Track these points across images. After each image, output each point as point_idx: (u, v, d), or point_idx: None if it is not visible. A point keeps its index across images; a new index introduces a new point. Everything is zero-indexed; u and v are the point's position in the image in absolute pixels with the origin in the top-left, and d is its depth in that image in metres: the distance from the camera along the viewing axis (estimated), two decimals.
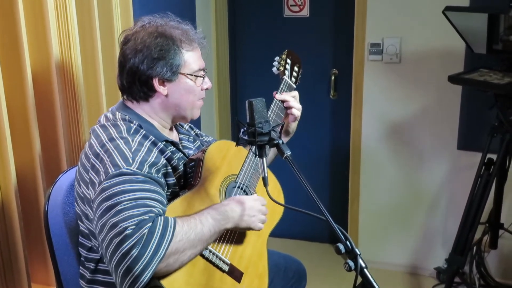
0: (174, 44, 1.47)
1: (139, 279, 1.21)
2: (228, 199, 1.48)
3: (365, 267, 1.17)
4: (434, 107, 2.89)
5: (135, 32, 1.49)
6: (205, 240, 1.35)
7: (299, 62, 1.85)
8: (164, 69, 1.46)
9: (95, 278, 1.48)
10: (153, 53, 1.44)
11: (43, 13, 1.79)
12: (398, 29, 2.87)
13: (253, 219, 1.47)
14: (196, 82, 1.53)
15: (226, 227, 1.42)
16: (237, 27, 3.41)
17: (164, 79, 1.48)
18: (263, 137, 1.32)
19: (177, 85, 1.50)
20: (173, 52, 1.46)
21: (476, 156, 2.63)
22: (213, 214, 1.39)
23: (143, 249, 1.21)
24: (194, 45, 1.52)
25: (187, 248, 1.30)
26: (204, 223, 1.35)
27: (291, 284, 1.88)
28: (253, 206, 1.47)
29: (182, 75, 1.49)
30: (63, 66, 1.91)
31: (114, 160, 1.33)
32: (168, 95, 1.50)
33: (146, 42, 1.45)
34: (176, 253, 1.27)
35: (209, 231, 1.35)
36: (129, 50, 1.46)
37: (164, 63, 1.45)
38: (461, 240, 2.51)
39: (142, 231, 1.22)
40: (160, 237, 1.23)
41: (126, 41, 1.49)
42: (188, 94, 1.52)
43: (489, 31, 2.29)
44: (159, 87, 1.48)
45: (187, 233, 1.30)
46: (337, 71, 3.25)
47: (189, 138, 1.70)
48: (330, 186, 3.46)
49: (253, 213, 1.47)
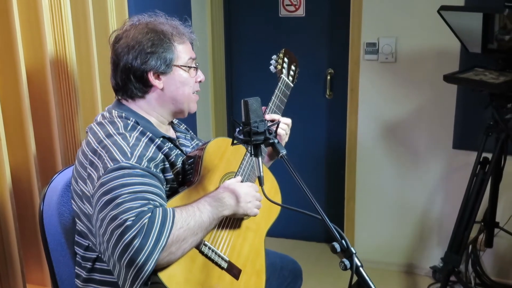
0: (166, 37, 1.49)
1: (143, 269, 1.22)
2: (223, 186, 1.49)
3: (360, 266, 1.17)
4: (430, 106, 2.90)
5: (125, 30, 1.51)
6: (205, 227, 1.36)
7: (296, 61, 1.86)
8: (158, 62, 1.48)
9: (91, 277, 1.48)
10: (145, 48, 1.46)
11: (38, 12, 1.78)
12: (393, 29, 2.87)
13: (249, 205, 1.49)
14: (190, 74, 1.55)
15: (224, 213, 1.43)
16: (233, 27, 3.41)
17: (159, 72, 1.50)
18: (259, 136, 1.32)
19: (172, 77, 1.52)
20: (165, 45, 1.49)
21: (471, 155, 2.64)
22: (210, 201, 1.40)
23: (144, 239, 1.22)
24: (184, 38, 1.55)
25: (188, 236, 1.31)
26: (202, 210, 1.37)
27: (287, 283, 1.88)
28: (248, 192, 1.50)
29: (176, 67, 1.52)
30: (58, 65, 1.91)
31: (112, 155, 1.34)
32: (164, 89, 1.52)
33: (137, 38, 1.47)
34: (178, 241, 1.28)
35: (208, 218, 1.37)
36: (121, 48, 1.48)
37: (157, 56, 1.48)
38: (456, 239, 2.52)
39: (142, 221, 1.23)
40: (160, 226, 1.25)
41: (118, 40, 1.51)
42: (184, 86, 1.54)
43: (484, 30, 2.29)
44: (155, 81, 1.50)
45: (187, 220, 1.31)
46: (333, 71, 3.25)
47: (186, 136, 1.71)
48: (326, 185, 3.46)
49: (249, 199, 1.49)
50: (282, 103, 1.75)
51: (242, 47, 3.42)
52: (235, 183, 1.50)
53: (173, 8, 2.78)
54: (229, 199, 1.45)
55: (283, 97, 1.76)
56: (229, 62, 3.44)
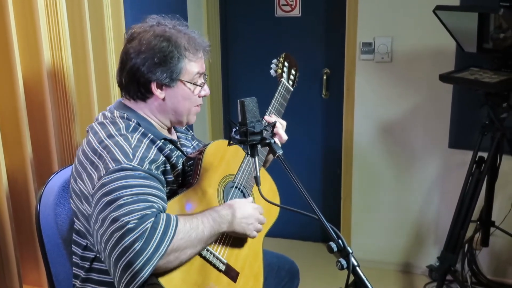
0: (178, 51, 1.47)
1: (138, 274, 1.21)
2: (229, 202, 1.49)
3: (357, 265, 1.17)
4: (426, 106, 2.91)
5: (142, 31, 1.48)
6: (204, 241, 1.36)
7: (296, 66, 1.87)
8: (164, 75, 1.46)
9: (89, 277, 1.48)
10: (155, 58, 1.44)
11: (34, 16, 1.78)
12: (389, 29, 2.88)
13: (250, 226, 1.49)
14: (194, 90, 1.54)
15: (224, 230, 1.43)
16: (229, 27, 3.41)
17: (163, 84, 1.48)
18: (255, 137, 1.33)
19: (175, 91, 1.51)
20: (175, 60, 1.47)
21: (467, 154, 2.64)
22: (215, 217, 1.40)
23: (145, 243, 1.21)
24: (198, 54, 1.52)
25: (187, 247, 1.31)
26: (205, 224, 1.36)
27: (284, 283, 1.88)
28: (252, 214, 1.50)
29: (181, 82, 1.50)
30: (54, 69, 1.90)
31: (114, 156, 1.34)
32: (165, 99, 1.51)
33: (150, 44, 1.45)
34: (177, 251, 1.28)
35: (210, 232, 1.37)
36: (132, 49, 1.46)
37: (165, 69, 1.46)
38: (453, 238, 2.53)
39: (145, 225, 1.22)
40: (162, 233, 1.24)
41: (131, 39, 1.49)
42: (185, 101, 1.53)
43: (480, 30, 2.30)
44: (156, 91, 1.49)
45: (189, 232, 1.31)
46: (329, 71, 3.26)
47: (186, 136, 1.72)
48: (322, 185, 3.46)
49: (251, 221, 1.49)
50: (282, 107, 1.76)
51: (238, 47, 3.42)
52: (241, 202, 1.50)
53: (169, 10, 2.77)
54: (232, 217, 1.44)
55: (283, 101, 1.77)
56: (225, 62, 3.44)
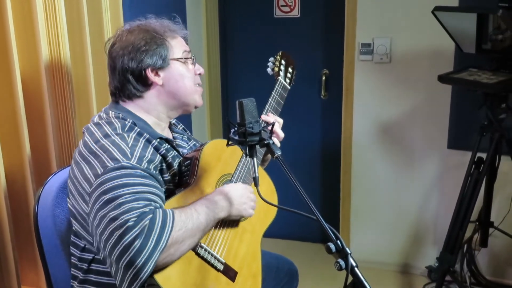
0: (158, 34, 1.51)
1: (142, 270, 1.22)
2: (218, 189, 1.50)
3: (356, 266, 1.17)
4: (424, 106, 2.91)
5: (118, 36, 1.53)
6: (202, 229, 1.37)
7: (293, 64, 1.86)
8: (154, 58, 1.49)
9: (87, 278, 1.48)
10: (140, 47, 1.48)
11: (32, 14, 1.78)
12: (388, 29, 2.88)
13: (244, 206, 1.51)
14: (188, 66, 1.56)
15: (220, 216, 1.44)
16: (228, 28, 3.41)
17: (157, 68, 1.51)
18: (254, 137, 1.33)
19: (170, 71, 1.53)
20: (158, 42, 1.51)
21: (466, 155, 2.64)
22: (207, 204, 1.42)
23: (145, 240, 1.22)
24: (176, 34, 1.57)
25: (186, 237, 1.32)
26: (200, 212, 1.37)
27: (282, 284, 1.88)
28: (243, 194, 1.51)
29: (173, 60, 1.53)
30: (52, 67, 1.90)
31: (112, 155, 1.34)
32: (164, 84, 1.53)
33: (130, 40, 1.50)
34: (177, 243, 1.29)
35: (205, 220, 1.38)
36: (116, 52, 1.50)
37: (152, 53, 1.49)
38: (451, 238, 2.52)
39: (143, 222, 1.23)
40: (161, 228, 1.25)
41: (112, 45, 1.53)
42: (183, 79, 1.55)
43: (478, 30, 2.30)
44: (154, 78, 1.51)
45: (185, 222, 1.32)
46: (328, 71, 3.26)
47: (183, 137, 1.72)
48: (321, 185, 3.46)
49: (244, 201, 1.51)
50: (279, 105, 1.76)
51: (237, 48, 3.42)
52: (229, 185, 1.51)
53: (168, 10, 2.77)
54: (223, 201, 1.46)
55: (280, 99, 1.77)
56: (224, 63, 3.44)
